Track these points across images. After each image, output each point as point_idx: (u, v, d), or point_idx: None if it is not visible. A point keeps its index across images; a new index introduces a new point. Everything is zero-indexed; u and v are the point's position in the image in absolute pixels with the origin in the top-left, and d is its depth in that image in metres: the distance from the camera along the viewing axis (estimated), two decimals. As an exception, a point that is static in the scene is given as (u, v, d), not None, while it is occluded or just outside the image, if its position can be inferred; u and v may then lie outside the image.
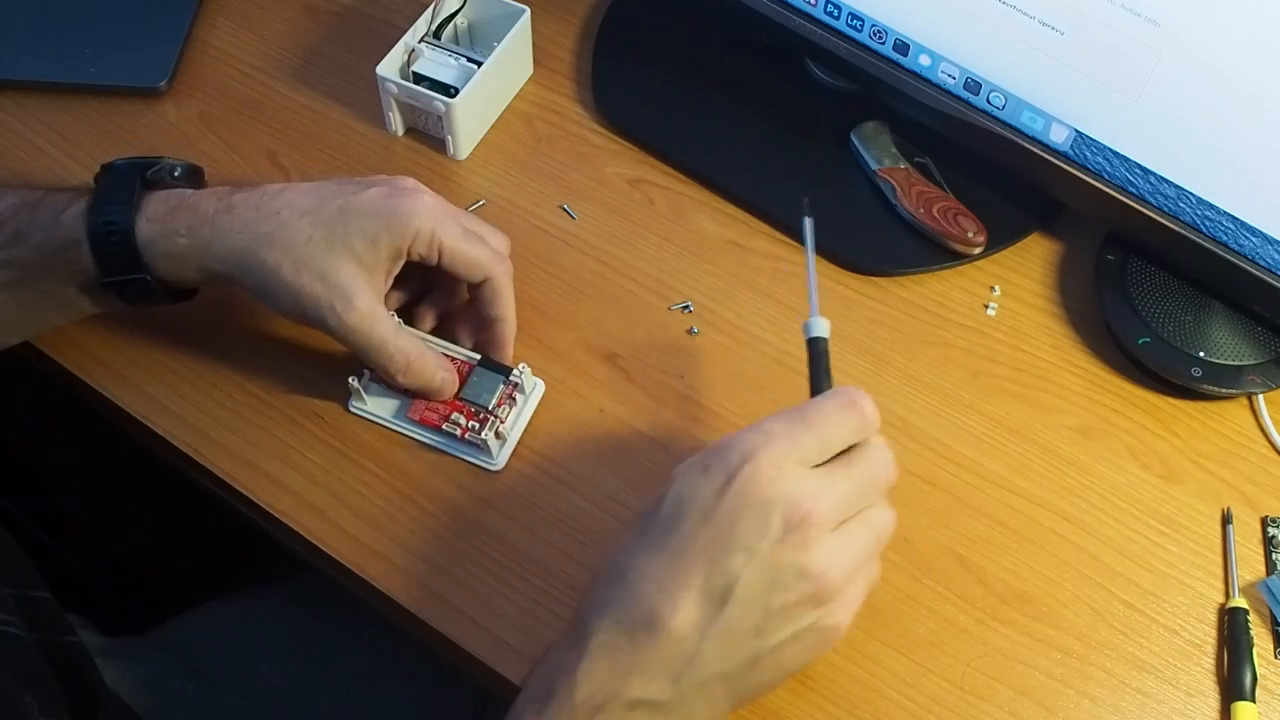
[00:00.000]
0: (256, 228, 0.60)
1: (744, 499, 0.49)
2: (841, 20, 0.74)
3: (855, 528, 0.51)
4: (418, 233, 0.61)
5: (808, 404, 0.53)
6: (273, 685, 0.76)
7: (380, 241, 0.60)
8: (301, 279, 0.60)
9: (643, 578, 0.49)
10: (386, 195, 0.61)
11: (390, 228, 0.60)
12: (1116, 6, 0.62)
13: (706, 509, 0.49)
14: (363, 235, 0.60)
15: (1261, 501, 0.66)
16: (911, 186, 0.75)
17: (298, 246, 0.60)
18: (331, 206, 0.60)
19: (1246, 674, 0.60)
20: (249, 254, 0.60)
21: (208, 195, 0.62)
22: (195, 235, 0.60)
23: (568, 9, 0.85)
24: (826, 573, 0.49)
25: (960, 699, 0.60)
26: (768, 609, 0.49)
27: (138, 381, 0.67)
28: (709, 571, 0.49)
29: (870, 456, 0.52)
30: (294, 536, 0.64)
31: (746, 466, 0.49)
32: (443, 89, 0.74)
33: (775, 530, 0.49)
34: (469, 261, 0.63)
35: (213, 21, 0.83)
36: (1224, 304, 0.70)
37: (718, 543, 0.49)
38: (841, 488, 0.51)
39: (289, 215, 0.60)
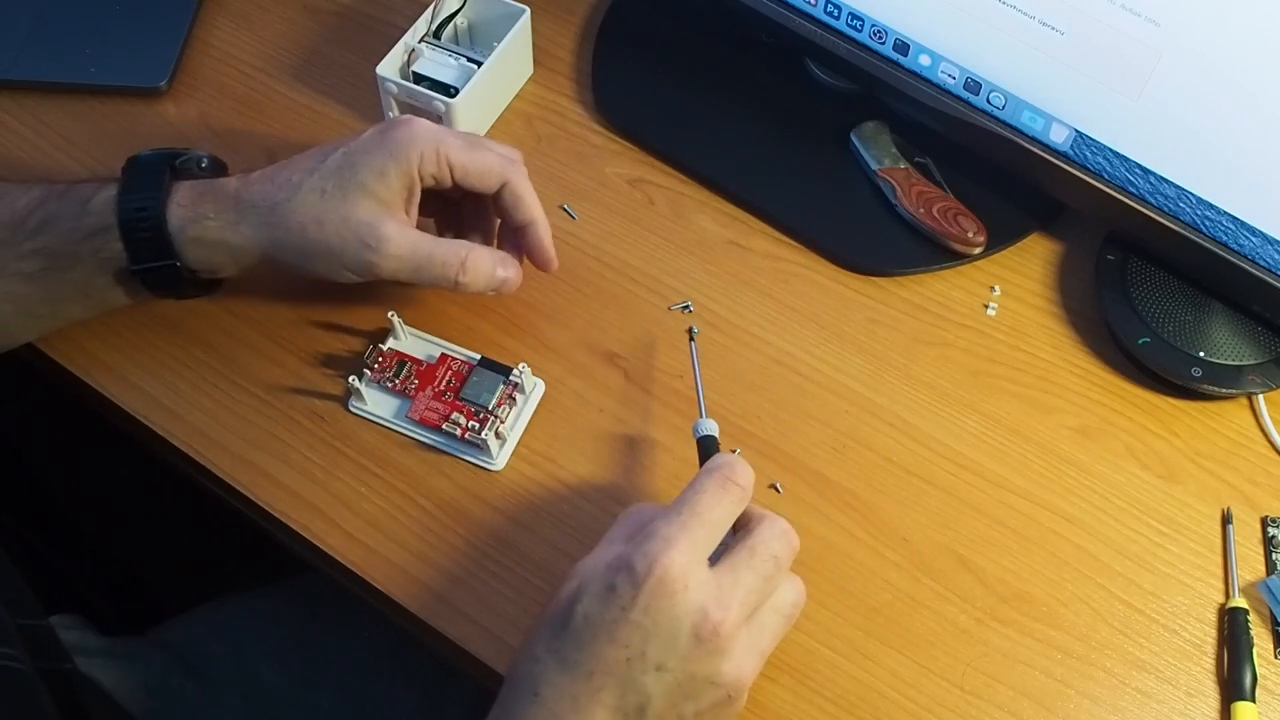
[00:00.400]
0: (274, 198, 0.62)
1: (652, 617, 0.49)
2: (841, 20, 0.74)
3: (765, 617, 0.52)
4: (422, 154, 0.62)
5: (687, 493, 0.52)
6: (273, 685, 0.76)
7: (389, 172, 0.61)
8: (327, 232, 0.61)
9: (558, 696, 0.49)
10: (383, 130, 0.63)
11: (395, 156, 0.61)
12: (1116, 6, 0.62)
13: (614, 630, 0.49)
14: (370, 171, 0.61)
15: (1261, 501, 0.66)
16: (911, 186, 0.75)
17: (314, 204, 0.61)
18: (334, 157, 0.62)
19: (1246, 674, 0.60)
20: (273, 226, 0.61)
21: (229, 180, 0.64)
22: (222, 217, 0.62)
23: (568, 9, 0.85)
24: (739, 679, 0.50)
25: (960, 699, 0.60)
26: (679, 713, 0.50)
27: (138, 381, 0.67)
28: (622, 691, 0.49)
29: (767, 538, 0.52)
30: (294, 536, 0.64)
31: (650, 582, 0.49)
32: (443, 89, 0.74)
33: (685, 645, 0.49)
34: (481, 169, 0.63)
35: (213, 21, 0.83)
36: (1224, 304, 0.70)
37: (630, 663, 0.49)
38: (746, 583, 0.51)
39: (299, 178, 0.62)
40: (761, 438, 0.67)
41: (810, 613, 0.62)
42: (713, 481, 0.53)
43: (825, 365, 0.70)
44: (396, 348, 0.68)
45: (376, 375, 0.66)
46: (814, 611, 0.62)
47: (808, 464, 0.66)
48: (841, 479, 0.66)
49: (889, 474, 0.66)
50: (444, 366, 0.67)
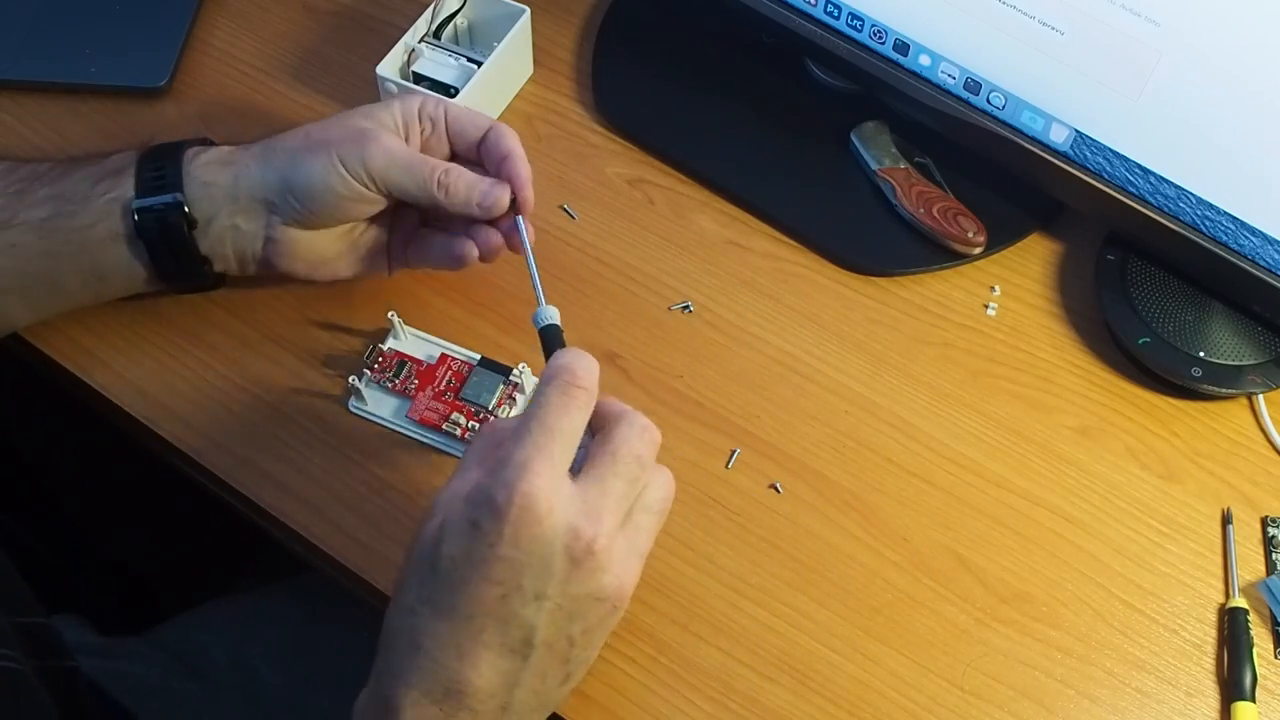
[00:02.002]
0: (281, 141, 0.64)
1: (523, 548, 0.47)
2: (841, 20, 0.74)
3: (637, 519, 0.51)
4: (420, 104, 0.64)
5: (533, 407, 0.50)
6: (272, 685, 0.76)
7: (391, 106, 0.63)
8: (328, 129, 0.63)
9: (440, 646, 0.48)
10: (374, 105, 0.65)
11: (393, 104, 0.64)
12: (1116, 6, 0.62)
13: (485, 569, 0.47)
14: (365, 114, 0.63)
15: (1261, 501, 0.66)
16: (911, 186, 0.75)
17: (314, 130, 0.63)
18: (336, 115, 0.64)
19: (1246, 674, 0.60)
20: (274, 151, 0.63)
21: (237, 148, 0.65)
22: (231, 156, 0.64)
23: (568, 9, 0.85)
24: (621, 589, 0.50)
25: (960, 699, 0.60)
26: (570, 639, 0.50)
27: (138, 381, 0.67)
28: (504, 628, 0.48)
29: (627, 437, 0.51)
30: (294, 536, 0.64)
31: (514, 512, 0.47)
32: (443, 89, 0.74)
33: (561, 569, 0.48)
34: (468, 117, 0.65)
35: (213, 21, 0.83)
36: (1224, 304, 0.70)
37: (507, 599, 0.48)
38: (613, 490, 0.49)
39: (303, 127, 0.64)
40: (761, 438, 0.67)
41: (810, 613, 0.62)
42: (555, 390, 0.50)
43: (825, 365, 0.70)
44: (397, 348, 0.68)
45: (377, 375, 0.66)
46: (814, 611, 0.62)
47: (808, 464, 0.66)
48: (841, 479, 0.66)
49: (889, 474, 0.66)
50: (444, 366, 0.67)
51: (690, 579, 0.63)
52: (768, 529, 0.64)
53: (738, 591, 0.62)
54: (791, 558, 0.63)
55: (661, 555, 0.63)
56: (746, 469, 0.66)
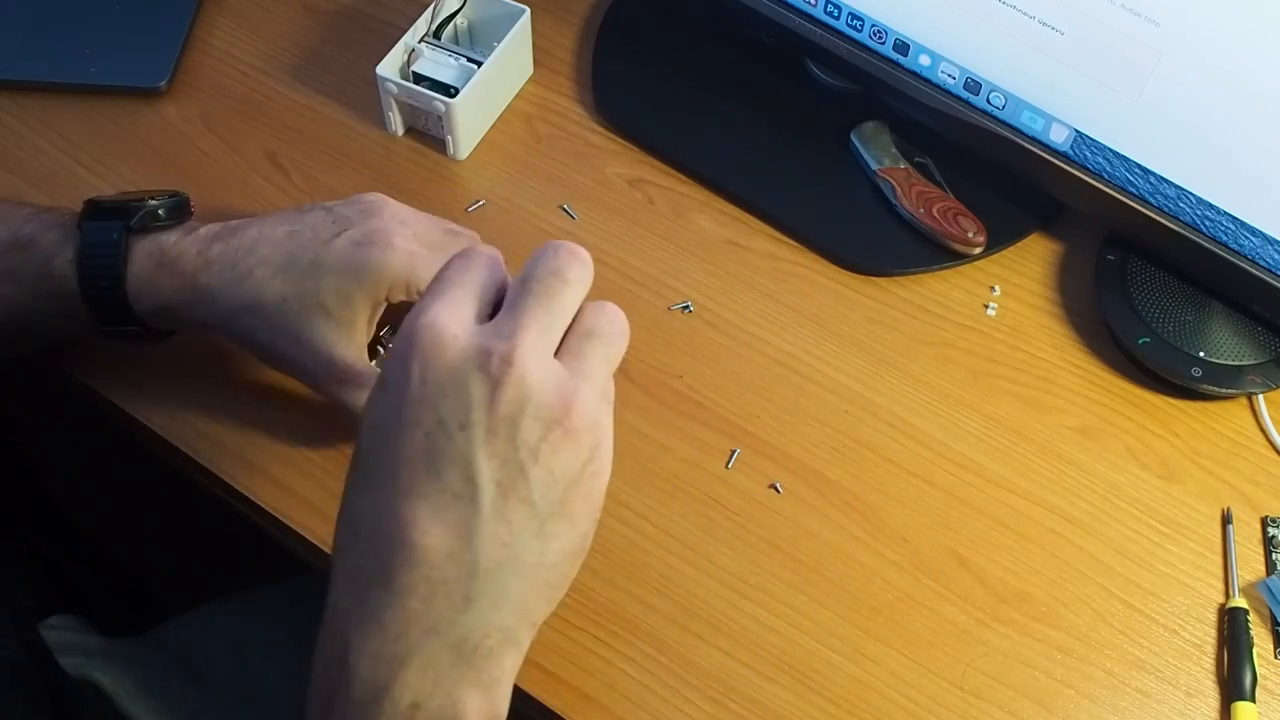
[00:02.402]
0: (233, 290, 0.59)
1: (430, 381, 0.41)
2: (841, 20, 0.74)
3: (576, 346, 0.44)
4: (392, 283, 0.59)
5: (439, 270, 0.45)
6: (273, 686, 0.76)
7: (353, 297, 0.59)
8: (278, 342, 0.60)
9: (374, 522, 0.42)
10: (357, 245, 0.59)
11: (362, 284, 0.59)
12: (1116, 6, 0.62)
13: (400, 414, 0.42)
14: (335, 293, 0.59)
15: (1261, 501, 0.66)
16: (911, 186, 0.75)
17: (271, 311, 0.59)
18: (302, 263, 0.59)
19: (1246, 674, 0.60)
20: (228, 319, 0.60)
21: (189, 246, 0.60)
22: (178, 298, 0.60)
23: (568, 9, 0.85)
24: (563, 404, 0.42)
25: (960, 699, 0.60)
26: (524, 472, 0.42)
27: (137, 381, 0.67)
28: (435, 469, 0.41)
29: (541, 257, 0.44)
30: (295, 537, 0.64)
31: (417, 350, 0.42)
32: (443, 89, 0.74)
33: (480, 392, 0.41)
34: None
35: (213, 21, 0.83)
36: (1224, 304, 0.70)
37: (430, 438, 0.41)
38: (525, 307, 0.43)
39: (261, 275, 0.59)
40: (761, 438, 0.67)
41: (810, 613, 0.62)
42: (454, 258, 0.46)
43: (825, 365, 0.70)
44: None
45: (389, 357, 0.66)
46: (814, 611, 0.62)
47: (808, 464, 0.66)
48: (841, 479, 0.66)
49: (889, 474, 0.66)
50: None
51: (690, 579, 0.62)
52: (768, 529, 0.64)
53: (738, 591, 0.62)
54: (791, 558, 0.63)
55: (661, 555, 0.63)
56: (746, 469, 0.66)
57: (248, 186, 0.75)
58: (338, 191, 0.75)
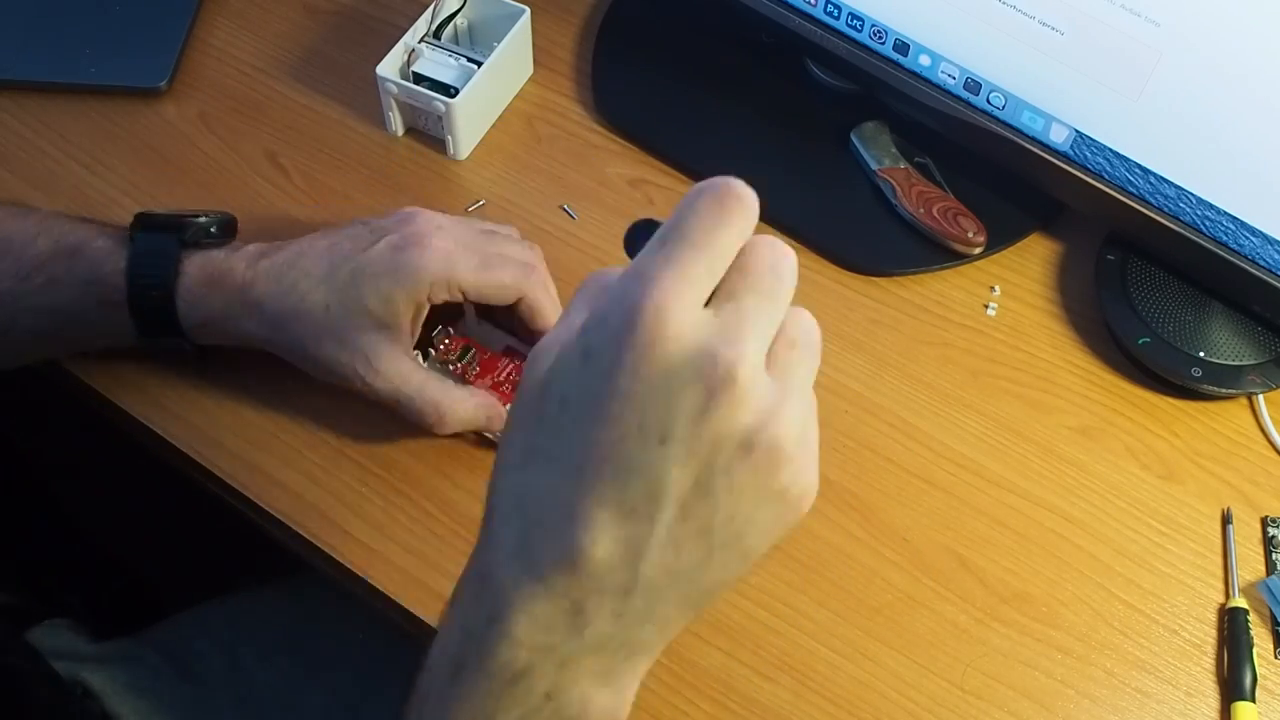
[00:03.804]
0: (280, 303, 0.61)
1: (644, 378, 0.37)
2: (841, 20, 0.74)
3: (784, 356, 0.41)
4: (432, 284, 0.60)
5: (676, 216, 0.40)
6: (265, 686, 0.76)
7: (395, 299, 0.60)
8: (324, 349, 0.61)
9: (546, 506, 0.39)
10: (395, 249, 0.60)
11: (403, 284, 0.60)
12: (1116, 6, 0.62)
13: (600, 406, 0.38)
14: (377, 296, 0.60)
15: (1261, 501, 0.66)
16: (911, 186, 0.75)
17: (317, 318, 0.60)
18: (344, 271, 0.60)
19: (1246, 674, 0.60)
20: (276, 330, 0.61)
21: (237, 262, 0.62)
22: (228, 311, 0.61)
23: (568, 9, 0.85)
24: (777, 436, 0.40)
25: (960, 699, 0.60)
26: (713, 500, 0.39)
27: (137, 381, 0.67)
28: (623, 479, 0.38)
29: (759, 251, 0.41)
30: (294, 536, 0.64)
31: (636, 333, 0.37)
32: (443, 89, 0.74)
33: (691, 404, 0.37)
34: (495, 289, 0.62)
35: (213, 21, 0.83)
36: (1224, 304, 0.70)
37: (624, 442, 0.38)
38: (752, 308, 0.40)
39: (306, 287, 0.61)
40: (761, 438, 0.67)
41: (810, 613, 0.62)
42: (707, 199, 0.41)
43: (825, 365, 0.69)
44: (466, 333, 0.68)
45: (441, 356, 0.67)
46: (814, 611, 0.62)
47: (808, 464, 0.66)
48: (841, 479, 0.66)
49: (889, 474, 0.66)
50: (508, 359, 0.67)
51: (690, 579, 0.62)
52: (768, 529, 0.64)
53: (738, 591, 0.62)
54: (791, 558, 0.63)
55: (661, 555, 0.63)
56: (746, 469, 0.66)
57: (248, 187, 0.75)
58: (338, 192, 0.75)
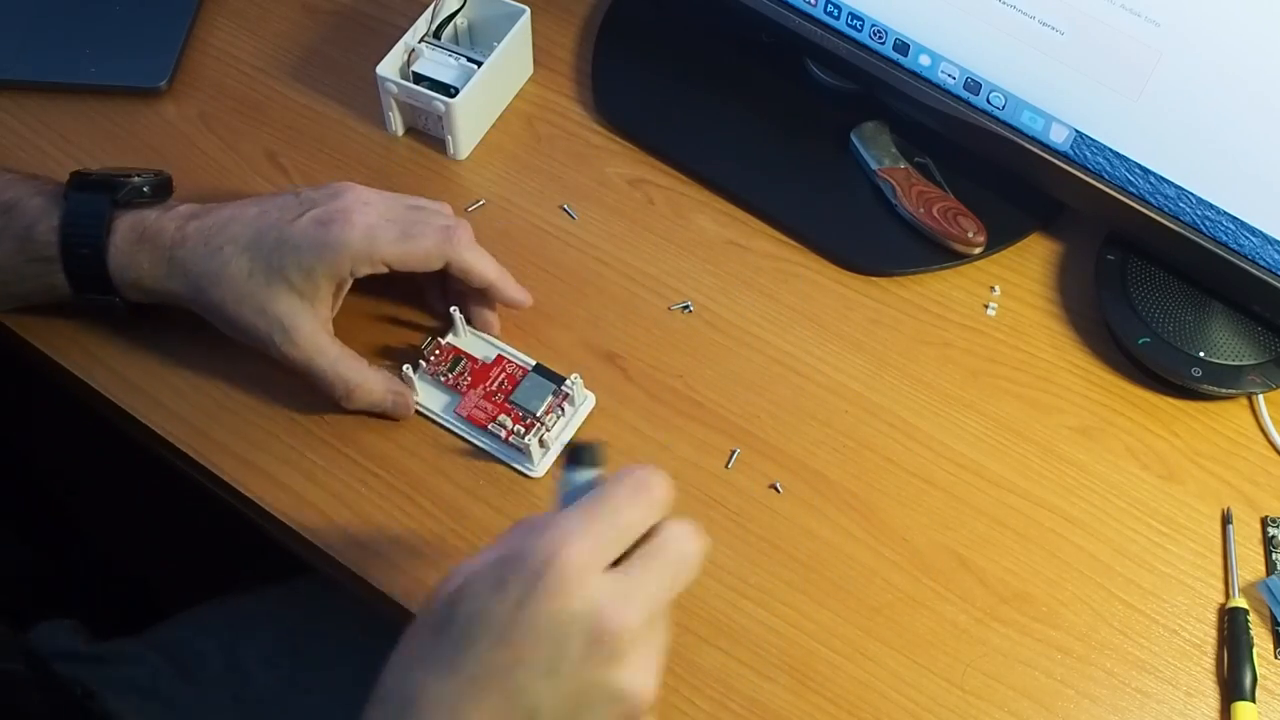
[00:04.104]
0: (204, 265, 0.62)
1: (544, 615, 0.44)
2: (841, 20, 0.74)
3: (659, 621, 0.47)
4: (353, 259, 0.62)
5: (597, 494, 0.47)
6: (266, 686, 0.76)
7: (315, 272, 0.62)
8: (243, 313, 0.62)
9: (435, 706, 0.45)
10: (320, 224, 0.62)
11: (323, 259, 0.61)
12: (1116, 6, 0.62)
13: (502, 628, 0.44)
14: (298, 268, 0.61)
15: (1261, 501, 0.66)
16: (911, 186, 0.75)
17: (239, 283, 0.62)
18: (269, 239, 0.62)
19: (1246, 674, 0.60)
20: (198, 291, 0.62)
21: (168, 222, 0.63)
22: (154, 270, 0.63)
23: (568, 9, 0.85)
24: (641, 691, 0.45)
25: (960, 699, 0.60)
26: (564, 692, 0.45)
27: (137, 380, 0.67)
28: (509, 698, 0.44)
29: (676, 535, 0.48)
30: (294, 536, 0.64)
31: (545, 578, 0.44)
32: (443, 89, 0.74)
33: (578, 650, 0.44)
34: (419, 257, 0.64)
35: (213, 21, 0.83)
36: (1224, 304, 0.70)
37: (518, 666, 0.44)
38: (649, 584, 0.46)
39: (230, 251, 0.62)
40: (761, 438, 0.67)
41: (810, 613, 0.62)
42: (627, 485, 0.47)
43: (825, 365, 0.70)
44: (455, 343, 0.68)
45: (431, 368, 0.67)
46: (814, 611, 0.62)
47: (808, 464, 0.66)
48: (841, 479, 0.66)
49: (889, 474, 0.66)
50: (499, 368, 0.67)
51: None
52: (768, 529, 0.64)
53: (738, 591, 0.62)
54: (791, 558, 0.63)
55: (661, 555, 0.63)
56: (746, 469, 0.66)
57: (248, 186, 0.75)
58: (338, 191, 0.75)
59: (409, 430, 0.66)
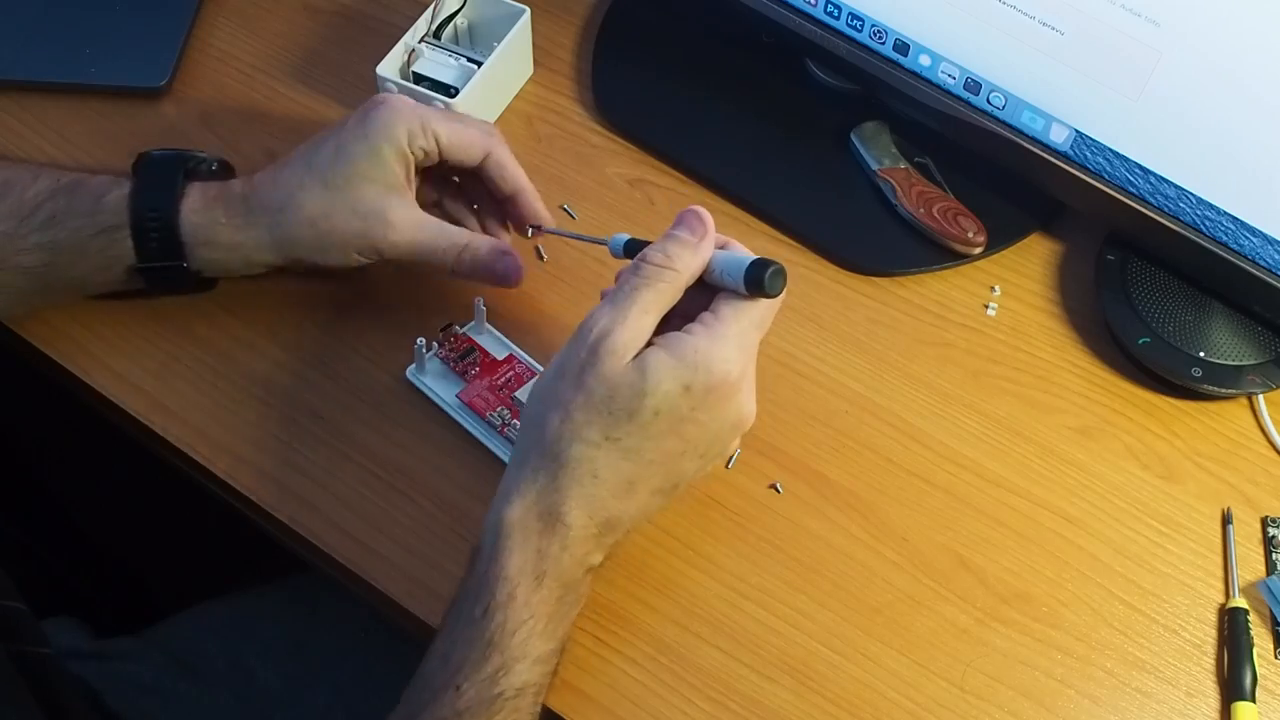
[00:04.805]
0: (280, 199, 0.63)
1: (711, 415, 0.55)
2: (841, 20, 0.74)
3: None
4: (409, 130, 0.63)
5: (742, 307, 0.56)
6: (267, 685, 0.76)
7: (382, 153, 0.63)
8: (336, 223, 0.63)
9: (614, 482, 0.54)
10: (364, 113, 0.64)
11: (385, 137, 0.63)
12: (1116, 6, 0.62)
13: (681, 427, 0.54)
14: (364, 158, 0.63)
15: (1261, 501, 0.66)
16: (911, 186, 0.75)
17: (320, 197, 0.63)
18: (326, 151, 0.64)
19: (1246, 674, 0.60)
20: (284, 225, 0.63)
21: (236, 182, 0.65)
22: (233, 221, 0.64)
23: (568, 9, 0.85)
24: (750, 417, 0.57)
25: (960, 699, 0.60)
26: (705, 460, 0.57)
27: (138, 381, 0.67)
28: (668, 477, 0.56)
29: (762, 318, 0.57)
30: (294, 536, 0.64)
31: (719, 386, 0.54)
32: (443, 89, 0.74)
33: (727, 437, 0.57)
34: (465, 141, 0.65)
35: (213, 21, 0.83)
36: (1224, 304, 0.70)
37: (683, 455, 0.55)
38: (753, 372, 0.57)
39: (300, 176, 0.63)
40: (761, 438, 0.67)
41: (810, 613, 0.62)
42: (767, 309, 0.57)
43: (825, 365, 0.70)
44: (471, 335, 0.68)
45: (444, 352, 0.67)
46: (814, 611, 0.62)
47: (808, 464, 0.66)
48: (841, 479, 0.66)
49: (889, 474, 0.66)
50: (509, 365, 0.68)
51: (690, 579, 0.62)
52: (768, 529, 0.64)
53: (738, 591, 0.62)
54: (791, 558, 0.63)
55: (661, 555, 0.63)
56: (746, 469, 0.66)
57: (248, 186, 0.75)
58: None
59: (409, 430, 0.66)
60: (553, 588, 0.54)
